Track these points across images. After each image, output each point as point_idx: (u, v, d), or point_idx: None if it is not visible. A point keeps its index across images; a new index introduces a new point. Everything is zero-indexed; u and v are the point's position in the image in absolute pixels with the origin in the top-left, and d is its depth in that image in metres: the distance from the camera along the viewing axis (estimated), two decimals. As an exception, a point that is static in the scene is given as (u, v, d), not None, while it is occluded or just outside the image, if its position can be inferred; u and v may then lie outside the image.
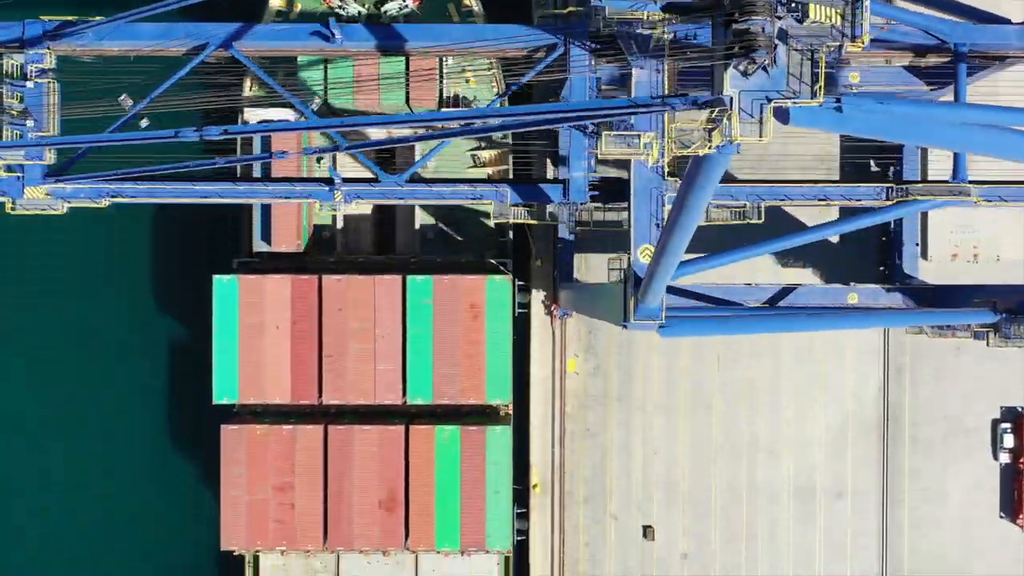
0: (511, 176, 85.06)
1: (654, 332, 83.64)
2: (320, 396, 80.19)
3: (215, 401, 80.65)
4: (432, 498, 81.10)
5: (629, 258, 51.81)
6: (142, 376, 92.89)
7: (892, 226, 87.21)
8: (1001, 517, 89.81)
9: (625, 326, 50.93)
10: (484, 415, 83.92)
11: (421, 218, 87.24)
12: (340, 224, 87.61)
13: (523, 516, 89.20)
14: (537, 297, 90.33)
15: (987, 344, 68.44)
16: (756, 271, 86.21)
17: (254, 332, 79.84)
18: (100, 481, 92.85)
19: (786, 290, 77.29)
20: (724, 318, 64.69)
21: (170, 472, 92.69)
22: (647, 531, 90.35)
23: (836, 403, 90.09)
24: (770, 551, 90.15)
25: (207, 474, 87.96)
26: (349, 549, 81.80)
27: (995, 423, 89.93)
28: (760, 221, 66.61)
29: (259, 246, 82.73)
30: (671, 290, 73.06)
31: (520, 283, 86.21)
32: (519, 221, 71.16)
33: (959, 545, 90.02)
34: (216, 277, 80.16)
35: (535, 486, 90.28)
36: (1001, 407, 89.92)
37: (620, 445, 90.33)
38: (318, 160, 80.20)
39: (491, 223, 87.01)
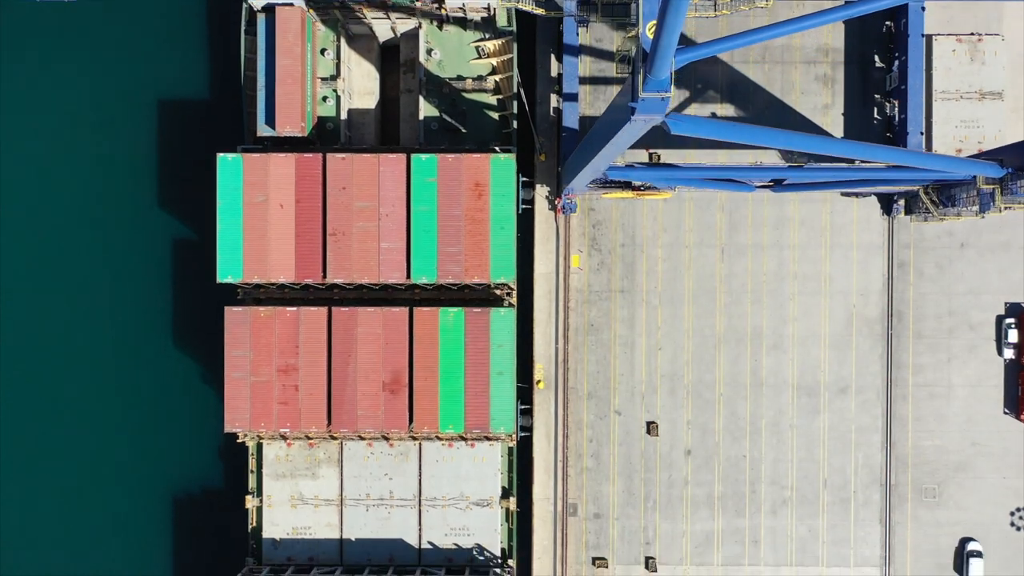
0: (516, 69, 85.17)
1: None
2: (324, 275, 79.89)
3: (219, 279, 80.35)
4: (436, 380, 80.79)
5: (637, 32, 51.54)
6: (145, 261, 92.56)
7: (896, 119, 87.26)
8: (1005, 413, 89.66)
9: (634, 109, 50.40)
10: (488, 303, 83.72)
11: (425, 110, 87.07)
12: (344, 116, 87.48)
13: (527, 413, 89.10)
14: (541, 192, 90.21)
15: (994, 203, 68.16)
16: (762, 158, 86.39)
17: (258, 211, 79.55)
18: (101, 365, 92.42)
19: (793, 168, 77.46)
20: (728, 122, 64.46)
21: (173, 358, 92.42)
22: (651, 427, 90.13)
23: (840, 298, 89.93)
24: (774, 446, 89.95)
25: (211, 360, 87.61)
26: (353, 431, 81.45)
27: (999, 319, 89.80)
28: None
29: (263, 131, 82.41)
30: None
31: (524, 179, 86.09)
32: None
33: (962, 440, 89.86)
34: (220, 155, 79.91)
35: (539, 382, 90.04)
36: (1006, 303, 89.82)
37: (624, 340, 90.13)
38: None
39: (495, 116, 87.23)
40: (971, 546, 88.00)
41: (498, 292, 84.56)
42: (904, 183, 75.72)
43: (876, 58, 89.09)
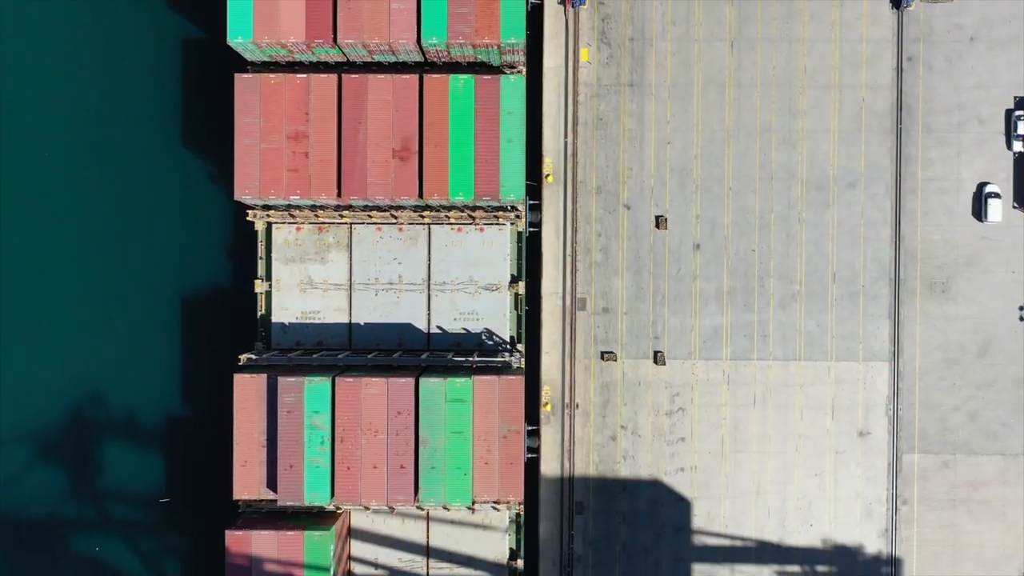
0: None
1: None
2: (335, 35, 79.87)
3: (230, 40, 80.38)
4: (446, 147, 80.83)
5: None
6: (153, 23, 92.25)
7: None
8: (1015, 207, 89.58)
9: None
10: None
11: None
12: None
13: (535, 208, 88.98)
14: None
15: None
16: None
17: (269, -29, 79.60)
18: (110, 137, 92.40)
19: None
20: None
21: (182, 129, 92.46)
22: (659, 221, 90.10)
23: (850, 92, 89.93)
24: (783, 240, 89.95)
25: (220, 129, 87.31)
26: (363, 199, 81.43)
27: (1008, 113, 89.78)
28: None
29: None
30: None
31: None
32: None
33: (971, 235, 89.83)
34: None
35: (548, 176, 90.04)
36: (1015, 97, 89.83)
37: (633, 134, 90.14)
38: None
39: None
40: (989, 188, 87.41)
41: (507, 58, 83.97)
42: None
43: None
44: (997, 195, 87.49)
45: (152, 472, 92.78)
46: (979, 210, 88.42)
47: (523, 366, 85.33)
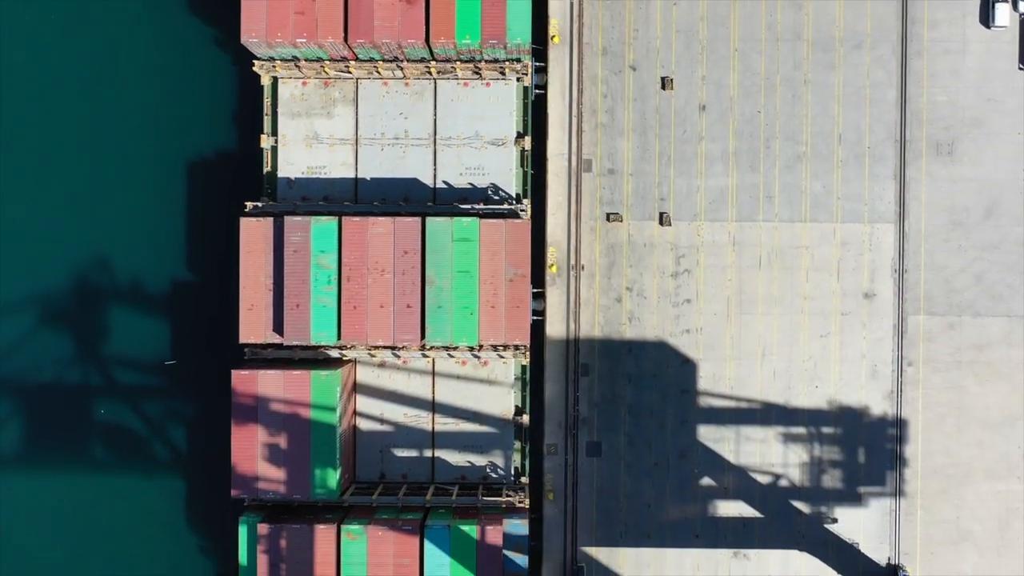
0: None
1: None
2: None
3: None
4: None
5: None
6: None
7: None
8: (1020, 68, 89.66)
9: None
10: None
11: None
12: None
13: (541, 71, 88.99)
14: None
15: None
16: None
17: None
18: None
19: None
20: None
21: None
22: (665, 82, 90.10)
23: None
24: (789, 101, 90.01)
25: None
26: (370, 42, 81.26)
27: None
28: None
29: None
30: None
31: None
32: None
33: (977, 96, 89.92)
34: None
35: (553, 37, 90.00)
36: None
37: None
38: None
39: None
40: None
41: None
42: None
43: None
44: None
45: (157, 336, 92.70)
46: (986, 17, 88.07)
47: (529, 216, 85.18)
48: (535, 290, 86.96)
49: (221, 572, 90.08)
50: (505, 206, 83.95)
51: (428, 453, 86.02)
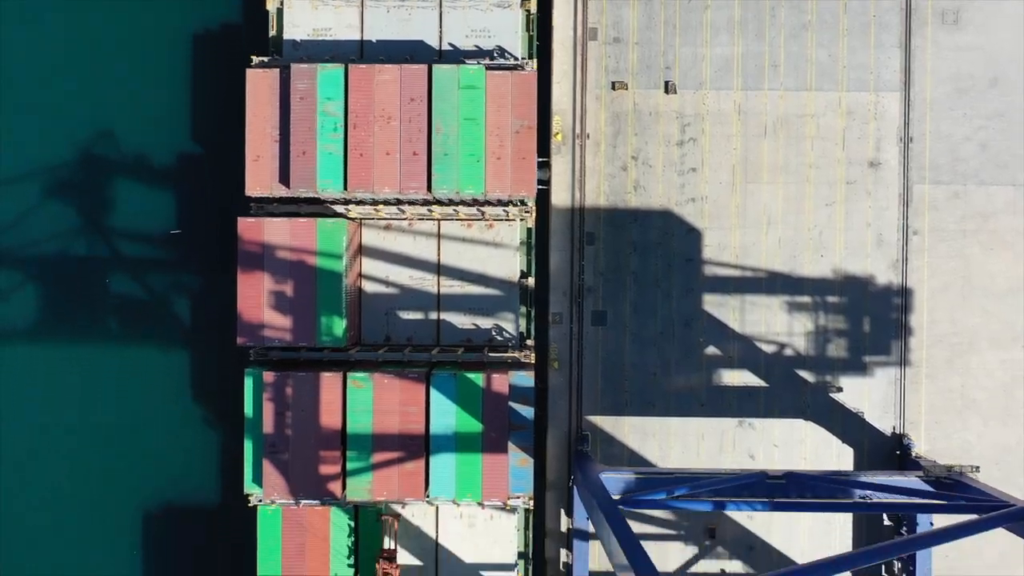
0: None
1: None
2: None
3: None
4: None
5: None
6: None
7: None
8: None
9: None
10: None
11: None
12: None
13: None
14: None
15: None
16: None
17: None
18: None
19: None
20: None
21: None
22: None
23: None
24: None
25: None
26: None
27: None
28: None
29: None
30: None
31: None
32: None
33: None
34: None
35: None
36: None
37: None
38: None
39: None
40: None
41: None
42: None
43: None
44: None
45: (162, 207, 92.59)
46: None
47: (535, 70, 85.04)
48: (540, 159, 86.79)
49: (226, 436, 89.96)
50: (511, 62, 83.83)
51: (433, 316, 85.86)
